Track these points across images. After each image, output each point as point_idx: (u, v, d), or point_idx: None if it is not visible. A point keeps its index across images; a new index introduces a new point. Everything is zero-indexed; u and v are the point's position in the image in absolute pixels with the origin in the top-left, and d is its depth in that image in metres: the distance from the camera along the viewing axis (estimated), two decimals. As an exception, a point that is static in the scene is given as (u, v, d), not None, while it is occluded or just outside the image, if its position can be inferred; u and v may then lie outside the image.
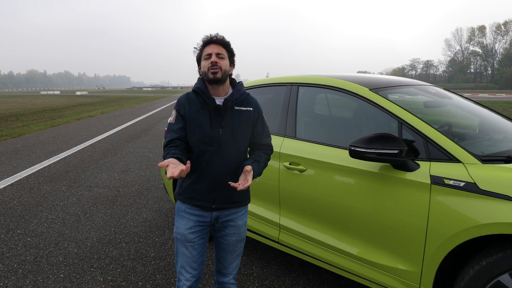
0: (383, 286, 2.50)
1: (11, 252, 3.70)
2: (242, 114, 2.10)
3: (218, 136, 2.03)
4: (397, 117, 2.53)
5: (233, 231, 2.16)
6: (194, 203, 2.08)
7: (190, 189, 2.08)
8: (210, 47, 2.05)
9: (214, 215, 2.10)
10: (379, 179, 2.45)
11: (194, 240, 2.09)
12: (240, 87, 2.15)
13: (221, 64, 2.02)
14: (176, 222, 2.14)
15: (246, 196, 2.21)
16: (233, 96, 2.08)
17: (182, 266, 2.13)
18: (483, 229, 2.01)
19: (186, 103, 2.08)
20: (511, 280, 1.95)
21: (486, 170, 2.12)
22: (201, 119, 2.03)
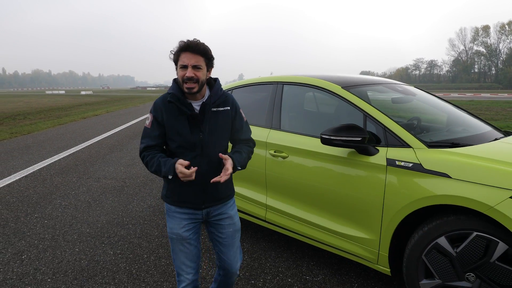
0: (351, 253, 2.96)
1: (31, 232, 4.18)
2: (220, 115, 2.12)
3: (199, 140, 2.05)
4: (362, 111, 2.99)
5: (228, 222, 2.22)
6: (183, 206, 2.13)
7: (177, 193, 2.12)
8: (187, 56, 1.97)
9: (204, 212, 2.17)
10: (346, 162, 2.91)
11: (190, 236, 2.15)
12: (218, 89, 2.13)
13: (198, 76, 1.99)
14: (168, 222, 2.17)
15: (231, 189, 2.27)
16: (211, 99, 2.08)
17: (182, 262, 2.17)
18: (425, 201, 2.46)
19: (163, 110, 2.06)
20: (446, 242, 2.40)
21: (430, 153, 2.58)
22: (180, 126, 2.04)
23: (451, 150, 2.61)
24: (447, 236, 2.41)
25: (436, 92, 62.74)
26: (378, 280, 3.10)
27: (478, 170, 2.35)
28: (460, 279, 2.40)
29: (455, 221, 2.39)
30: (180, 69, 1.99)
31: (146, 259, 3.52)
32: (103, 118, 18.71)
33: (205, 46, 2.02)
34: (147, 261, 3.47)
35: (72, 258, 3.54)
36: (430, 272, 2.50)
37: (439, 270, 2.45)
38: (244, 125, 2.27)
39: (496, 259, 2.27)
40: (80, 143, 10.36)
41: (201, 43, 2.01)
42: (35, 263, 3.44)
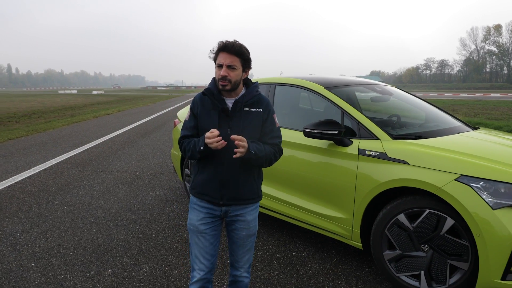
0: (330, 231, 3.43)
1: (52, 216, 4.70)
2: (251, 115, 2.16)
3: (226, 136, 2.06)
4: (341, 108, 3.45)
5: (242, 225, 2.24)
6: (203, 198, 2.21)
7: (200, 185, 2.21)
8: (223, 56, 2.08)
9: (223, 210, 2.21)
10: (326, 152, 3.38)
11: (206, 231, 2.20)
12: (253, 89, 2.21)
13: (231, 76, 2.08)
14: (189, 214, 2.28)
15: (255, 193, 2.27)
16: (244, 98, 2.16)
17: (196, 256, 2.23)
18: (388, 184, 2.92)
19: (199, 103, 2.20)
20: (404, 218, 2.86)
21: (394, 144, 3.04)
22: (211, 119, 2.14)
23: (412, 141, 3.07)
24: (405, 213, 2.86)
25: (445, 92, 62.57)
26: (353, 255, 3.56)
27: (430, 157, 2.81)
28: (417, 249, 2.85)
29: (412, 201, 2.85)
30: (217, 67, 2.11)
31: (154, 238, 4.02)
32: (115, 117, 19.33)
33: (242, 47, 2.10)
34: (155, 240, 3.97)
35: (90, 237, 4.05)
36: (392, 244, 2.96)
37: (399, 242, 2.91)
38: (275, 131, 2.25)
39: (445, 232, 2.72)
40: (93, 140, 10.92)
41: (237, 44, 2.09)
42: (58, 240, 3.96)
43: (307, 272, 3.28)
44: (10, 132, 12.78)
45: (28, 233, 4.15)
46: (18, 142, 10.74)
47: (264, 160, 2.14)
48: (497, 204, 2.52)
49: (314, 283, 3.10)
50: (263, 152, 2.12)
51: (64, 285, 3.09)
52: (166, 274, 3.25)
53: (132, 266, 3.41)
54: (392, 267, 2.98)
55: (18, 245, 3.84)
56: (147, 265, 3.42)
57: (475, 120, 14.87)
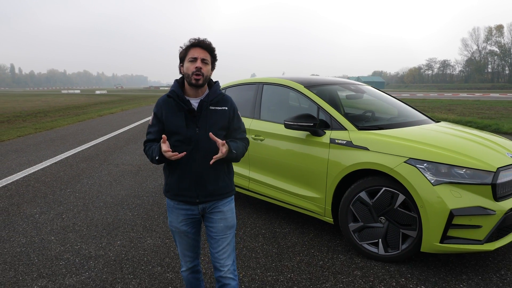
0: (307, 209, 3.99)
1: (66, 201, 5.28)
2: (217, 113, 2.22)
3: (195, 136, 2.15)
4: (317, 104, 4.01)
5: (219, 216, 2.27)
6: (180, 199, 2.24)
7: (175, 187, 2.24)
8: (197, 51, 2.14)
9: (200, 207, 2.25)
10: (303, 142, 3.94)
11: (188, 230, 2.29)
12: (216, 88, 2.27)
13: (204, 70, 2.13)
14: (168, 216, 2.33)
15: (229, 187, 2.32)
16: (209, 97, 2.21)
17: (182, 251, 2.36)
18: (353, 167, 3.48)
19: (163, 107, 2.22)
20: (365, 195, 3.42)
21: (359, 134, 3.60)
22: (178, 121, 2.17)
23: (374, 131, 3.64)
24: (366, 191, 3.43)
25: (446, 92, 63.04)
26: (327, 231, 4.12)
27: (386, 144, 3.38)
28: (375, 221, 3.42)
29: (371, 180, 3.41)
30: (189, 62, 2.13)
31: (156, 218, 4.59)
32: (118, 116, 19.94)
33: (211, 44, 2.20)
34: (158, 219, 4.54)
35: (100, 217, 4.63)
36: (356, 218, 3.52)
37: (361, 215, 3.47)
38: (241, 126, 2.37)
39: (398, 206, 3.28)
40: (99, 137, 11.51)
41: (208, 41, 2.19)
42: (72, 220, 4.53)
43: (287, 244, 3.84)
44: (18, 130, 13.38)
45: (45, 215, 4.72)
46: (27, 139, 11.33)
47: (241, 155, 2.26)
48: (437, 181, 3.08)
49: (292, 251, 3.67)
50: (240, 149, 2.24)
51: (80, 253, 3.66)
52: (167, 245, 3.83)
53: (138, 239, 3.98)
54: (356, 236, 3.54)
55: (38, 224, 4.42)
56: (150, 238, 4.00)
57: (467, 119, 15.38)
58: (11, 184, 6.15)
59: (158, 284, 3.09)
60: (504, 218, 3.10)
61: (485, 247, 3.08)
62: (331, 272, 3.27)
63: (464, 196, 3.06)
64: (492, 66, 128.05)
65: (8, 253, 3.66)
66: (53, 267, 3.38)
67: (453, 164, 3.12)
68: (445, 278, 3.16)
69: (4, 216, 4.68)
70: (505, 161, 3.26)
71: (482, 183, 3.07)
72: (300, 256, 3.58)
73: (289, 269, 3.33)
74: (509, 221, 3.17)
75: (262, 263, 3.44)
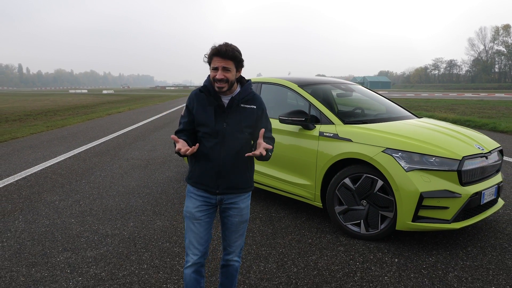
0: (299, 195, 4.45)
1: (82, 190, 5.78)
2: (246, 111, 2.30)
3: (222, 130, 2.24)
4: (309, 101, 4.48)
5: (235, 212, 2.37)
6: (200, 187, 2.33)
7: (197, 175, 2.33)
8: (217, 59, 2.19)
9: (218, 198, 2.34)
10: (296, 135, 4.40)
11: (201, 218, 2.33)
12: (248, 87, 2.35)
13: (227, 77, 2.20)
14: (186, 202, 2.41)
15: (248, 183, 2.41)
16: (240, 95, 2.30)
17: (190, 241, 2.36)
18: (338, 156, 3.95)
19: (195, 100, 2.33)
20: (349, 181, 3.88)
21: (344, 127, 4.07)
22: (207, 114, 2.27)
23: (357, 125, 4.10)
24: (349, 178, 3.89)
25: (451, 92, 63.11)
26: (318, 216, 4.58)
27: (366, 136, 3.83)
28: (358, 204, 3.87)
29: (354, 168, 3.87)
30: (212, 70, 2.23)
31: (165, 204, 5.07)
32: (126, 114, 20.50)
33: (234, 50, 2.21)
34: (166, 206, 5.02)
35: (114, 203, 5.12)
36: (341, 201, 3.98)
37: (346, 199, 3.93)
38: (269, 126, 2.46)
39: (377, 190, 3.74)
40: (108, 134, 12.04)
41: (230, 48, 2.20)
42: (89, 206, 5.03)
43: (281, 226, 4.31)
44: (31, 128, 13.94)
45: (64, 201, 5.22)
46: (40, 136, 11.88)
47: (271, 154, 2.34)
48: (409, 168, 3.54)
49: (285, 231, 4.14)
50: (272, 151, 2.32)
51: (98, 232, 4.15)
52: (174, 226, 4.31)
53: (148, 221, 4.47)
54: (341, 218, 4.00)
55: (59, 209, 4.92)
56: (159, 220, 4.48)
57: (466, 118, 15.77)
58: (30, 176, 6.66)
59: (167, 256, 3.57)
60: (469, 201, 3.55)
61: (452, 226, 3.53)
62: (317, 248, 3.73)
63: (433, 181, 3.51)
64: (499, 66, 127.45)
65: (35, 232, 4.16)
66: (75, 242, 3.88)
67: (424, 153, 3.57)
68: (417, 253, 3.61)
69: (28, 202, 5.18)
70: (471, 151, 3.71)
71: (449, 169, 3.53)
72: (291, 235, 4.04)
73: (281, 245, 3.79)
74: (474, 204, 3.62)
75: (257, 241, 3.91)
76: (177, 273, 3.27)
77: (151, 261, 3.49)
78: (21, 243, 3.88)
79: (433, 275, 3.21)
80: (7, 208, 4.93)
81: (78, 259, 3.52)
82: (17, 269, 3.34)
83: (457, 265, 3.38)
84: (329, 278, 3.17)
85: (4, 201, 5.21)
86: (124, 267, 3.37)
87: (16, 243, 3.87)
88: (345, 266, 3.38)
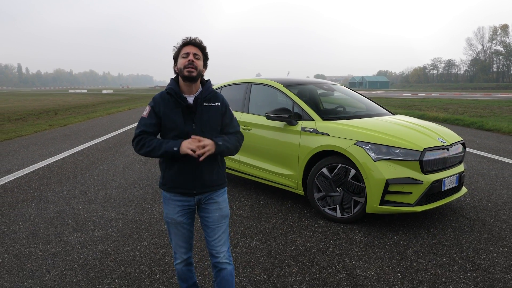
0: (284, 185, 4.95)
1: (87, 182, 6.28)
2: (211, 109, 2.35)
3: (192, 131, 2.27)
4: (292, 100, 4.98)
5: (214, 207, 2.40)
6: (176, 192, 2.35)
7: (172, 180, 2.34)
8: (189, 48, 2.28)
9: (196, 199, 2.38)
10: (281, 130, 4.91)
11: (183, 221, 2.39)
12: (209, 86, 2.41)
13: (197, 64, 2.26)
14: (164, 208, 2.42)
15: (222, 179, 2.46)
16: (202, 94, 2.33)
17: (177, 243, 2.44)
18: (317, 149, 4.45)
19: (161, 103, 2.31)
20: (326, 170, 4.38)
21: (323, 123, 4.57)
22: (176, 117, 2.28)
23: (334, 121, 4.60)
24: (327, 168, 4.39)
25: (448, 92, 63.66)
26: (302, 203, 5.08)
27: (341, 130, 4.34)
28: (334, 191, 4.37)
29: (330, 159, 4.37)
30: (182, 58, 2.27)
31: (163, 194, 5.57)
32: (126, 114, 21.00)
33: (202, 42, 2.36)
34: (164, 195, 5.52)
35: (117, 193, 5.62)
36: (319, 189, 4.48)
37: (323, 186, 4.43)
38: (233, 120, 2.49)
39: (350, 178, 4.24)
40: (109, 133, 12.54)
41: (199, 39, 2.34)
42: (94, 195, 5.53)
43: (267, 211, 4.81)
44: (34, 127, 14.43)
45: (71, 192, 5.72)
46: (44, 134, 12.37)
47: (234, 148, 2.39)
48: (377, 158, 4.04)
49: (270, 216, 4.64)
50: (230, 142, 2.36)
51: (104, 216, 4.65)
52: (172, 212, 4.81)
53: (148, 208, 4.97)
54: (319, 203, 4.50)
55: (67, 198, 5.42)
56: (158, 207, 4.98)
57: (456, 117, 16.28)
58: (38, 170, 7.16)
59: (165, 236, 4.07)
60: (430, 187, 4.05)
61: (415, 209, 4.03)
62: (297, 229, 4.23)
63: (398, 169, 4.01)
64: (497, 65, 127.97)
65: (47, 217, 4.65)
66: (84, 225, 4.38)
67: (390, 145, 4.08)
68: (384, 233, 4.12)
69: (38, 192, 5.68)
70: (433, 144, 4.21)
71: (412, 159, 4.03)
72: (275, 219, 4.55)
73: (266, 227, 4.30)
74: (435, 190, 4.12)
75: (245, 223, 4.41)
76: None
77: (151, 239, 3.99)
78: (36, 225, 4.37)
79: (394, 250, 3.72)
80: (20, 197, 5.43)
81: (87, 238, 4.02)
82: (35, 246, 3.84)
83: (417, 242, 3.88)
84: (305, 252, 3.67)
85: (16, 192, 5.71)
86: (127, 244, 3.87)
87: (31, 226, 4.36)
88: (320, 243, 3.88)
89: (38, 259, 3.56)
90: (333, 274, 3.26)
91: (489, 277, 3.21)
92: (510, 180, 6.21)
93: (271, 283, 3.13)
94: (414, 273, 3.28)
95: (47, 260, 3.53)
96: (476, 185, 5.94)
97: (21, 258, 3.58)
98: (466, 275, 3.23)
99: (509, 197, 5.34)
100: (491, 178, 6.37)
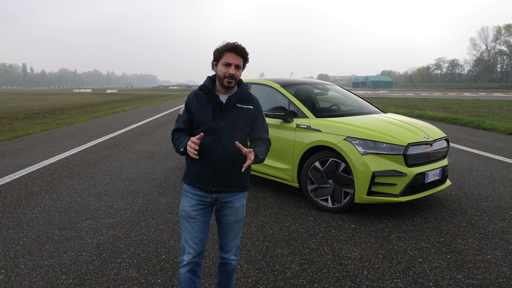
0: (281, 178, 5.31)
1: (96, 176, 6.66)
2: (243, 111, 2.36)
3: (219, 128, 2.28)
4: (289, 99, 5.34)
5: (231, 211, 2.41)
6: (196, 186, 2.36)
7: (194, 174, 2.36)
8: (232, 56, 2.26)
9: (213, 197, 2.37)
10: (278, 127, 5.27)
11: (196, 217, 2.36)
12: (244, 88, 2.41)
13: (237, 75, 2.29)
14: (181, 201, 2.43)
15: (244, 183, 2.43)
16: (236, 95, 2.35)
17: (186, 240, 2.39)
18: (310, 144, 4.81)
19: (194, 99, 2.37)
20: (319, 164, 4.74)
21: (316, 120, 4.93)
22: (205, 112, 2.32)
23: (326, 118, 4.96)
24: (319, 161, 4.75)
25: (451, 92, 63.80)
26: (297, 196, 5.44)
27: (332, 127, 4.70)
28: (326, 183, 4.73)
29: (322, 154, 4.73)
30: (223, 66, 2.27)
31: (168, 188, 5.95)
32: (131, 113, 21.41)
33: (245, 49, 2.33)
34: (169, 188, 5.90)
35: (125, 187, 6.00)
36: (312, 181, 4.84)
37: (316, 179, 4.79)
38: (265, 126, 2.49)
39: (341, 171, 4.59)
40: (115, 131, 12.94)
41: (242, 46, 2.32)
42: (103, 188, 5.91)
43: (264, 203, 5.18)
44: (41, 125, 14.84)
45: (82, 185, 6.11)
46: (52, 133, 12.78)
47: (265, 157, 2.41)
48: (364, 152, 4.39)
49: (267, 207, 5.00)
50: (264, 153, 2.37)
51: (113, 207, 5.03)
52: (176, 203, 5.18)
53: (154, 199, 5.34)
54: (312, 195, 4.86)
55: (78, 190, 5.80)
56: (164, 199, 5.36)
57: (454, 116, 16.58)
58: (49, 165, 7.55)
59: (170, 223, 4.44)
60: (414, 179, 4.40)
61: (399, 199, 4.39)
62: (292, 218, 4.59)
63: (383, 163, 4.37)
64: (501, 65, 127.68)
65: (61, 207, 5.04)
66: (95, 214, 4.75)
67: (377, 140, 4.43)
68: (371, 221, 4.47)
69: (51, 186, 6.07)
70: (416, 139, 4.55)
71: (396, 153, 4.38)
72: (272, 209, 4.91)
73: (262, 216, 4.66)
74: (418, 182, 4.47)
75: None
76: (177, 234, 4.13)
77: (157, 226, 4.36)
78: (51, 214, 4.76)
79: (379, 235, 4.07)
80: (34, 190, 5.81)
81: (98, 225, 4.40)
82: (51, 231, 4.22)
83: (401, 229, 4.24)
84: (297, 237, 4.03)
85: (30, 185, 6.10)
86: (136, 230, 4.25)
87: (47, 215, 4.75)
88: (311, 229, 4.24)
89: (55, 242, 3.94)
90: (321, 255, 3.62)
91: (462, 258, 3.56)
92: (497, 175, 6.54)
93: (265, 263, 3.50)
94: (394, 254, 3.63)
95: (64, 243, 3.91)
96: (463, 179, 6.28)
97: (40, 242, 3.96)
98: (441, 256, 3.59)
99: (493, 190, 5.68)
100: (479, 173, 6.71)
